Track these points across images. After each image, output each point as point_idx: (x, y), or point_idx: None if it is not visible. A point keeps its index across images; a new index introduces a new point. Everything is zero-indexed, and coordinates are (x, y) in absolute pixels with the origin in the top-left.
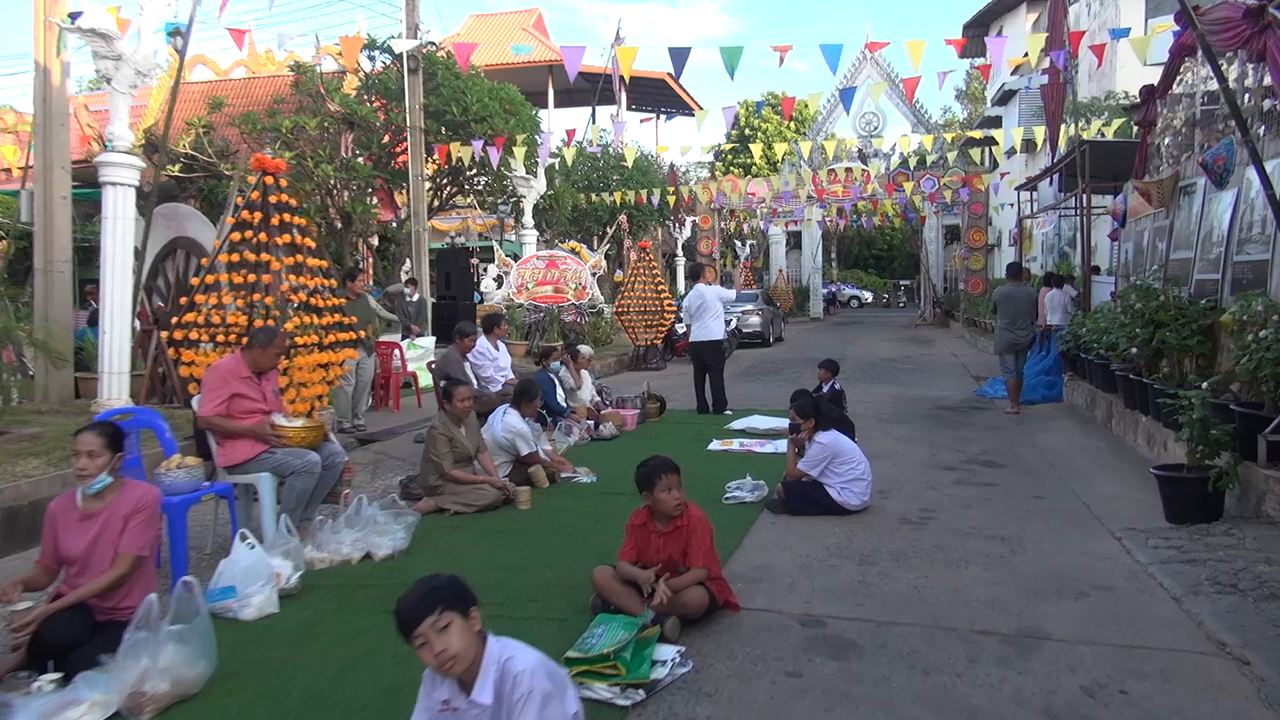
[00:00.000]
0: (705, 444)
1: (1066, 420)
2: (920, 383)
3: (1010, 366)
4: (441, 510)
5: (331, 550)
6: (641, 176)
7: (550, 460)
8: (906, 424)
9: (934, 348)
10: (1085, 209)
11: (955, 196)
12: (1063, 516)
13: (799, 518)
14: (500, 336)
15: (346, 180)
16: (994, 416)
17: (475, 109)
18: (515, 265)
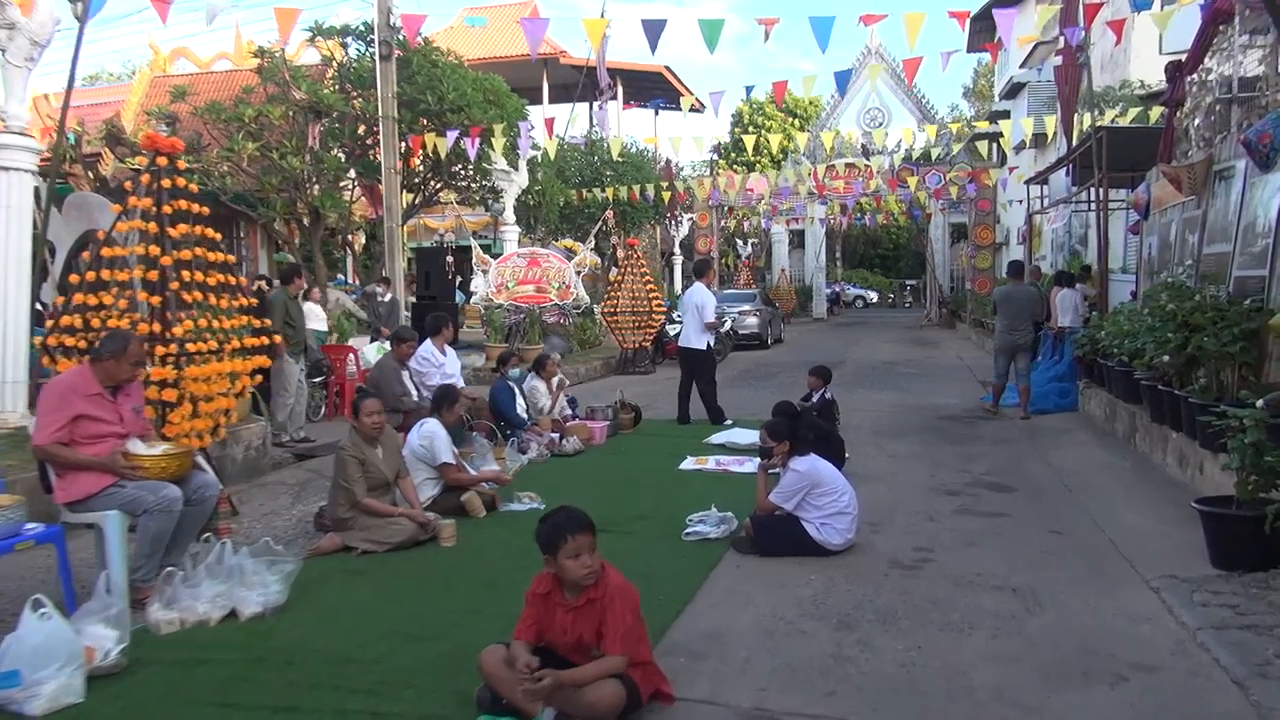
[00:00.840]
0: (678, 461)
1: (1083, 433)
2: (922, 389)
3: (1002, 370)
4: (349, 549)
5: (184, 609)
6: (636, 172)
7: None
8: (905, 438)
9: (939, 350)
10: (1102, 201)
11: (962, 193)
12: (1085, 558)
13: (770, 560)
14: (448, 340)
15: (316, 173)
16: (1002, 428)
17: (452, 98)
18: (494, 264)
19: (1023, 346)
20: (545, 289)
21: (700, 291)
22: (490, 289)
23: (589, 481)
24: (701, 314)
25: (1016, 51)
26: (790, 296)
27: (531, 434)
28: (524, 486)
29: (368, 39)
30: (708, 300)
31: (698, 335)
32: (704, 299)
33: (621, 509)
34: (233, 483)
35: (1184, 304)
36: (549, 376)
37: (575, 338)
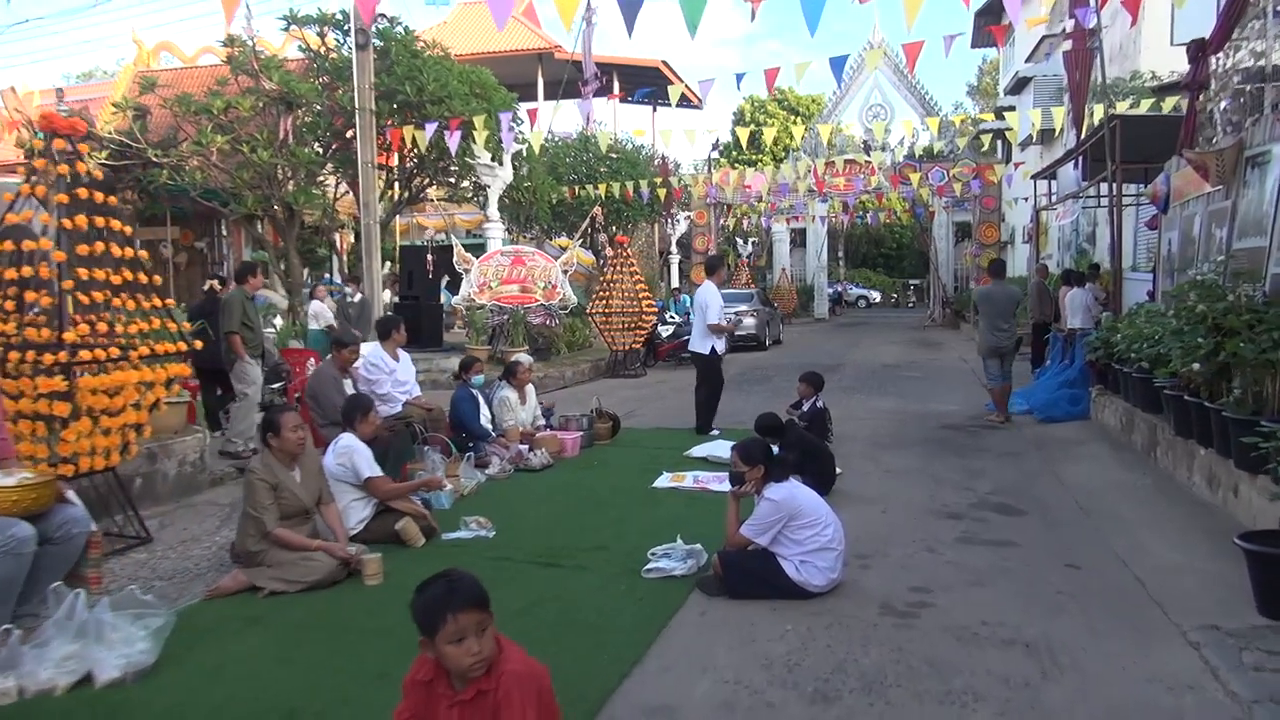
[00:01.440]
0: (653, 477)
1: (1096, 445)
2: (924, 394)
3: (995, 372)
4: (255, 588)
5: (24, 675)
6: (631, 169)
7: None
8: (904, 450)
9: (942, 352)
10: (1115, 194)
11: (965, 190)
12: (1108, 601)
13: (740, 604)
14: (400, 343)
15: (290, 168)
16: (1008, 439)
17: (432, 89)
18: (476, 262)
19: (1006, 349)
20: (530, 289)
21: (705, 291)
22: (472, 289)
23: (549, 502)
24: (704, 315)
25: (1022, 45)
26: (791, 296)
27: (496, 446)
28: (478, 507)
29: (345, 28)
30: (711, 301)
31: (701, 338)
32: (707, 299)
33: (579, 537)
34: (160, 503)
35: (1215, 305)
36: (520, 385)
37: (563, 339)
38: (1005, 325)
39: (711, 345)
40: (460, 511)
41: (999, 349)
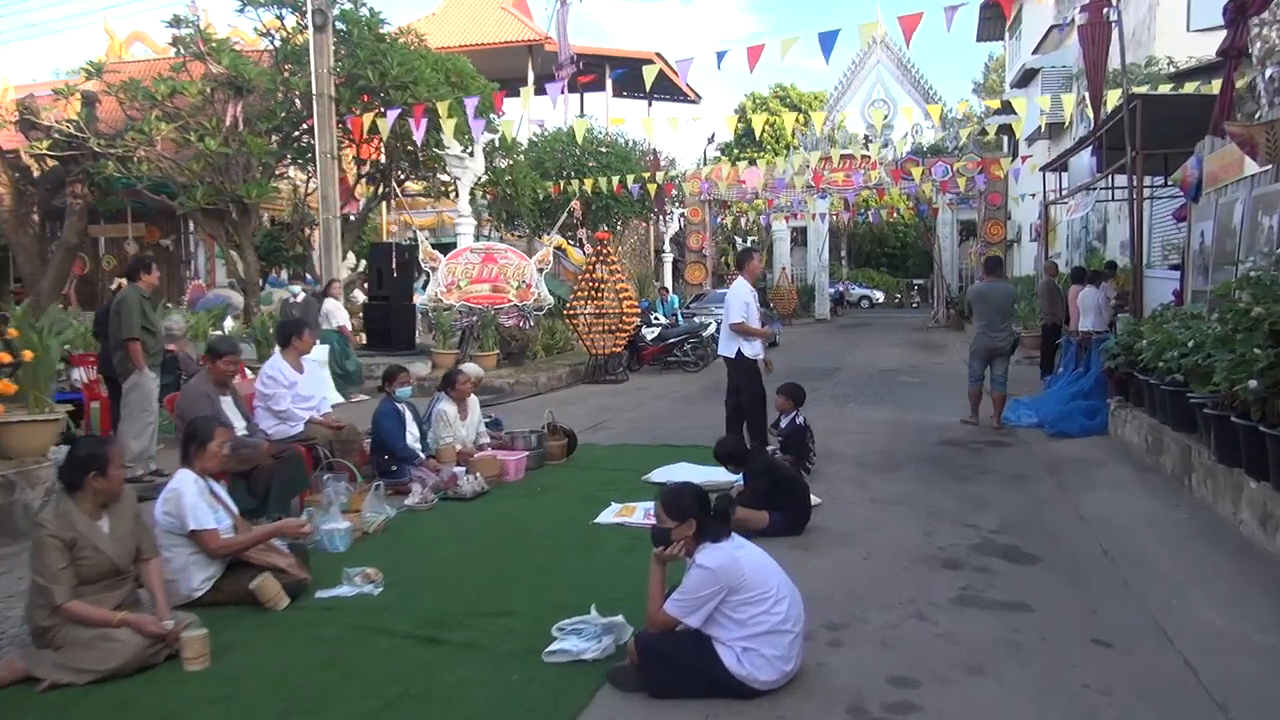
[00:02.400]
0: (600, 508)
1: (1117, 467)
2: (924, 402)
3: (976, 372)
4: (34, 680)
5: None
6: (621, 163)
7: (265, 534)
8: (896, 473)
9: (945, 355)
10: (1135, 183)
11: (970, 185)
12: (1154, 701)
13: (663, 707)
14: (304, 351)
15: (242, 158)
16: (1016, 458)
17: (396, 74)
18: (444, 260)
19: (1000, 350)
20: (502, 288)
21: (735, 289)
22: (439, 288)
23: (465, 544)
24: (731, 305)
25: (1029, 38)
26: (791, 296)
27: (424, 470)
28: (379, 550)
29: (302, 8)
30: (736, 299)
31: (727, 340)
32: (735, 297)
33: (485, 595)
34: (20, 540)
35: (1276, 307)
36: (460, 397)
37: (540, 342)
38: (1001, 325)
39: (738, 348)
40: (360, 555)
41: (991, 349)
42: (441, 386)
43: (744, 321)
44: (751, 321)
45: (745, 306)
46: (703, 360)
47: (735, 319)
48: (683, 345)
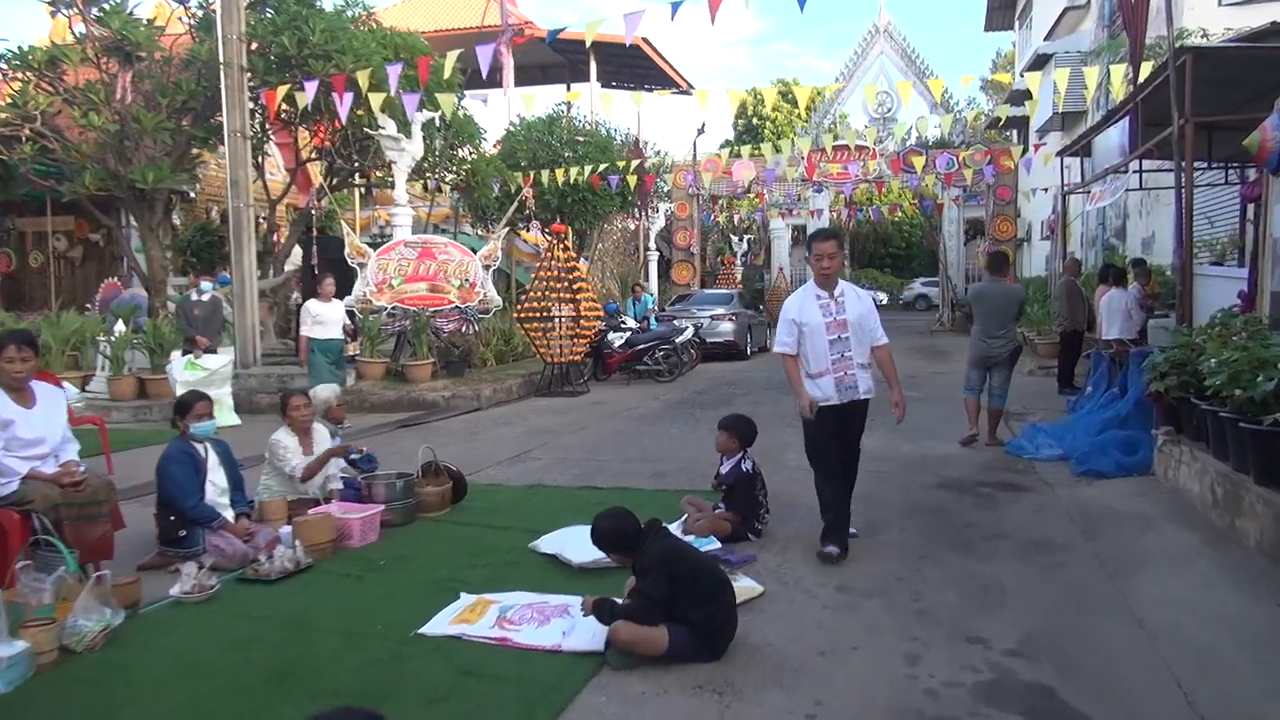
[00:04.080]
0: (446, 601)
1: (1176, 530)
2: (923, 426)
3: (973, 382)
4: None
5: None
6: (600, 154)
7: None
8: (877, 537)
9: (950, 362)
10: (1185, 156)
11: (977, 178)
12: None
13: None
14: (20, 375)
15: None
16: (1039, 509)
17: (317, 41)
18: (374, 255)
19: (998, 360)
20: (442, 287)
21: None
22: (368, 287)
23: (192, 684)
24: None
25: (1040, 25)
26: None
27: (224, 536)
28: (74, 683)
29: None
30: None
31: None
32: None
33: None
34: None
35: None
36: (300, 428)
37: (492, 349)
38: (1000, 331)
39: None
40: (47, 689)
41: (986, 358)
42: (175, 414)
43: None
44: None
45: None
46: (676, 369)
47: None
48: (653, 353)
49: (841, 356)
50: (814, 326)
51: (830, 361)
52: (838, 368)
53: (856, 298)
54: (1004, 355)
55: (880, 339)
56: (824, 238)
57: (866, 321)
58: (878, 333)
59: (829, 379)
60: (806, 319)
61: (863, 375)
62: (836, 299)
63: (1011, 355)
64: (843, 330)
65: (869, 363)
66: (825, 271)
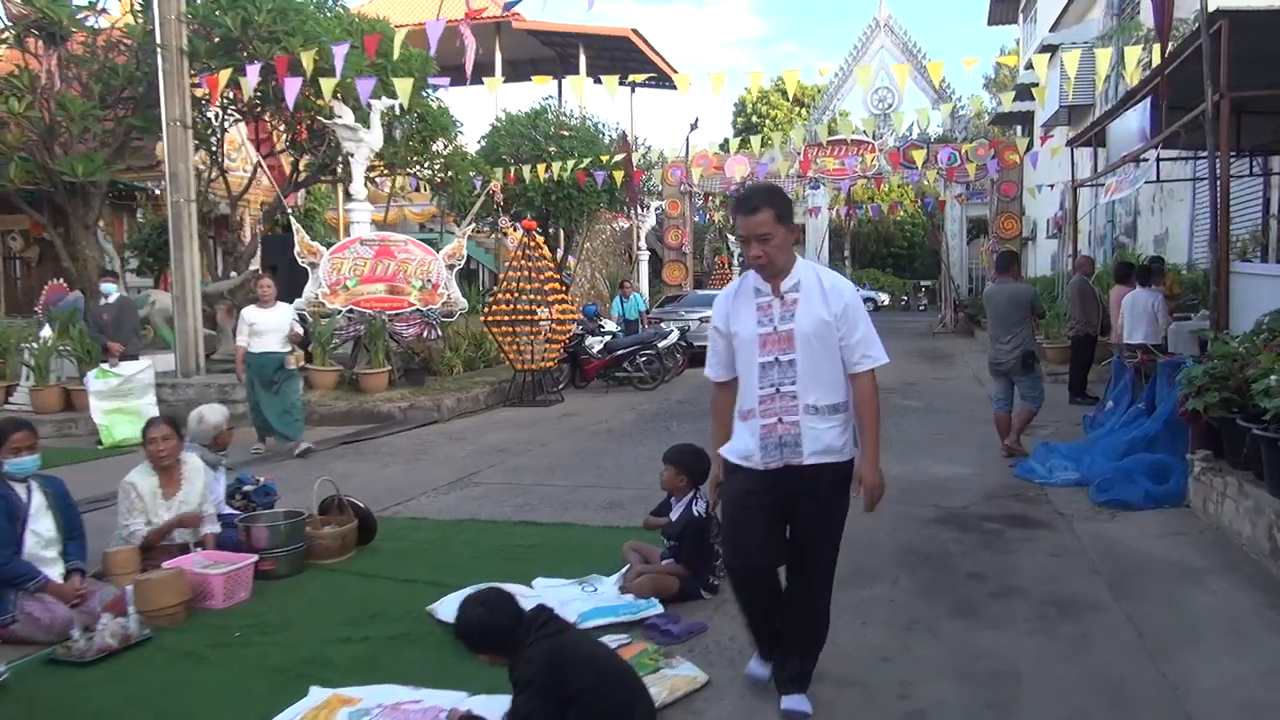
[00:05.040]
0: (311, 682)
1: (1229, 586)
2: (921, 442)
3: (999, 394)
4: None
5: None
6: (586, 149)
7: None
8: (862, 592)
9: (952, 367)
10: (1220, 140)
11: (981, 174)
12: None
13: None
14: None
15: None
16: (1057, 554)
17: (263, 22)
18: (326, 254)
19: (1008, 367)
20: (402, 289)
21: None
22: (321, 289)
23: None
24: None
25: (1045, 15)
26: None
27: (40, 601)
28: None
29: None
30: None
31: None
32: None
33: None
34: None
35: None
36: (163, 464)
37: (460, 355)
38: (1007, 337)
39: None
40: None
41: (996, 364)
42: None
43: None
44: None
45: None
46: (659, 375)
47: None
48: (634, 358)
49: (777, 391)
50: (745, 340)
51: (758, 398)
52: (768, 410)
53: (820, 296)
54: (1013, 363)
55: (861, 361)
56: (749, 208)
57: (830, 334)
58: (858, 351)
59: (751, 427)
60: (737, 326)
61: (815, 425)
62: (784, 297)
63: (1023, 361)
64: (784, 348)
65: (840, 403)
66: (757, 261)
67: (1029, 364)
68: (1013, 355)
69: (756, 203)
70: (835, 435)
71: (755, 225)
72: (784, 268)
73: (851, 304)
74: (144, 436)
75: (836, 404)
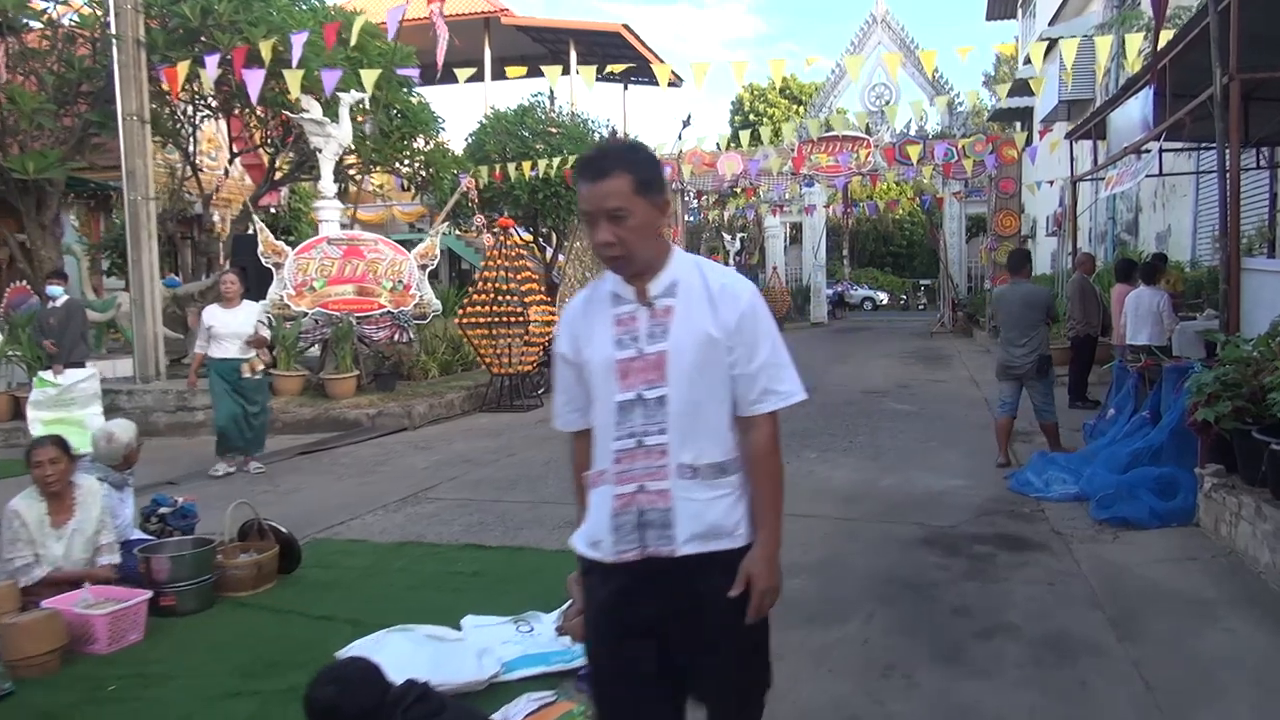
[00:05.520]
0: None
1: (1246, 622)
2: (911, 450)
3: (1005, 399)
4: None
5: None
6: (575, 146)
7: None
8: (834, 629)
9: (949, 368)
10: (1230, 125)
11: (979, 170)
12: None
13: None
14: None
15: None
16: (1053, 582)
17: (223, 11)
18: (291, 254)
19: (1023, 372)
20: (372, 290)
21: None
22: (287, 290)
23: None
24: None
25: (1044, 11)
26: (783, 298)
27: None
28: None
29: None
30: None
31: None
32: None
33: None
34: None
35: None
36: (50, 485)
37: (435, 359)
38: (1022, 340)
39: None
40: None
41: (1009, 368)
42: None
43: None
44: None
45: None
46: None
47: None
48: None
49: (638, 445)
50: (597, 369)
51: (613, 454)
52: (625, 472)
53: (705, 302)
54: (1028, 367)
55: (761, 399)
56: (594, 171)
57: (719, 357)
58: (759, 383)
59: (603, 497)
60: (588, 350)
61: (694, 496)
62: (654, 306)
63: (1038, 366)
64: (651, 380)
65: (731, 461)
66: (609, 252)
67: (1045, 369)
68: (1029, 360)
69: (605, 164)
70: (724, 510)
71: (602, 196)
72: (651, 263)
73: (750, 312)
74: (27, 459)
75: (725, 462)
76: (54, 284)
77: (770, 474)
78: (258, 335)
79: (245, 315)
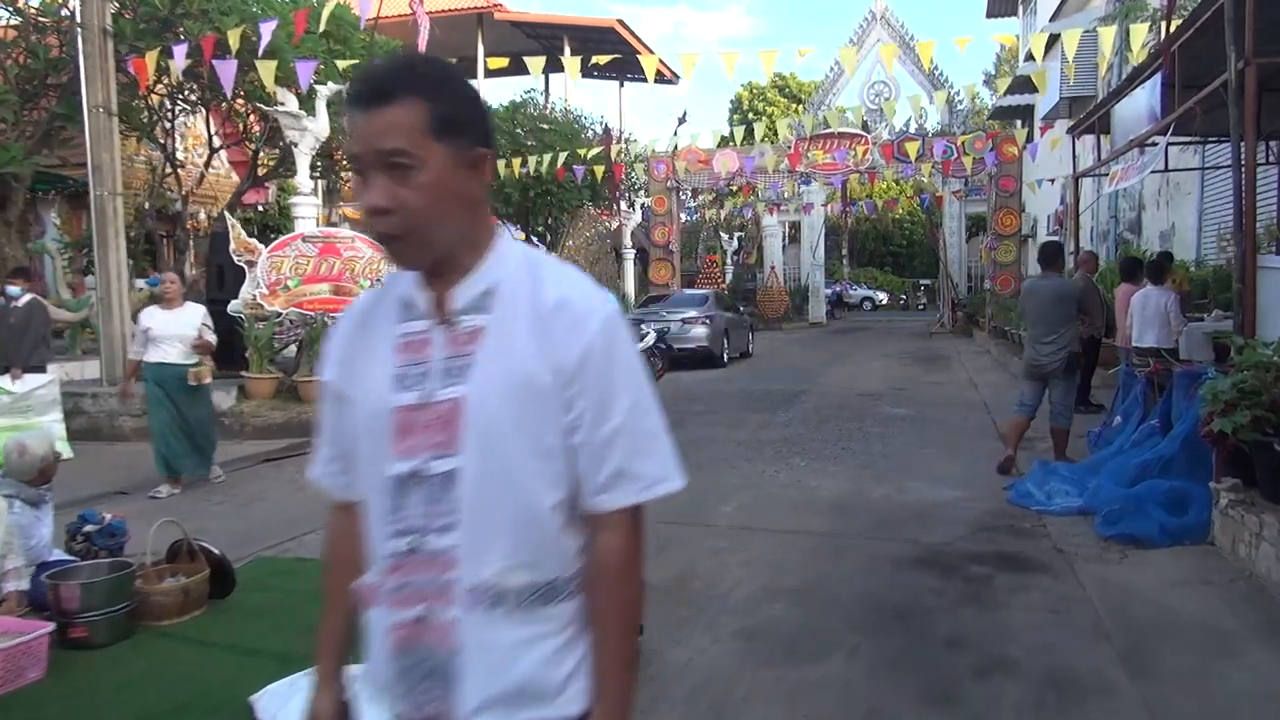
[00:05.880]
0: None
1: (1265, 654)
2: (907, 458)
3: (1024, 399)
4: None
5: None
6: (566, 142)
7: None
8: (814, 666)
9: (948, 370)
10: (1246, 113)
11: (979, 168)
12: None
13: None
14: None
15: None
16: (1057, 610)
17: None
18: (264, 252)
19: (1050, 370)
20: (348, 289)
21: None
22: (260, 289)
23: None
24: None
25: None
26: (780, 298)
27: None
28: None
29: None
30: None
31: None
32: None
33: None
34: None
35: None
36: None
37: None
38: (1050, 337)
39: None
40: None
41: (1034, 366)
42: None
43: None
44: None
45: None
46: None
47: (613, 495)
48: None
49: (412, 551)
50: (365, 418)
51: (387, 559)
52: (402, 590)
53: (531, 321)
54: (1055, 365)
55: (612, 486)
56: (371, 94)
57: (549, 410)
58: (610, 459)
59: (377, 624)
60: (355, 386)
61: (495, 636)
62: (455, 324)
63: (1066, 365)
64: (437, 443)
65: (558, 580)
66: (384, 228)
67: (1073, 367)
68: (1057, 357)
69: (387, 84)
70: (542, 660)
71: (376, 133)
72: (455, 253)
73: (603, 345)
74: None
75: (553, 583)
76: (14, 283)
77: (620, 607)
78: (202, 339)
79: (188, 317)
